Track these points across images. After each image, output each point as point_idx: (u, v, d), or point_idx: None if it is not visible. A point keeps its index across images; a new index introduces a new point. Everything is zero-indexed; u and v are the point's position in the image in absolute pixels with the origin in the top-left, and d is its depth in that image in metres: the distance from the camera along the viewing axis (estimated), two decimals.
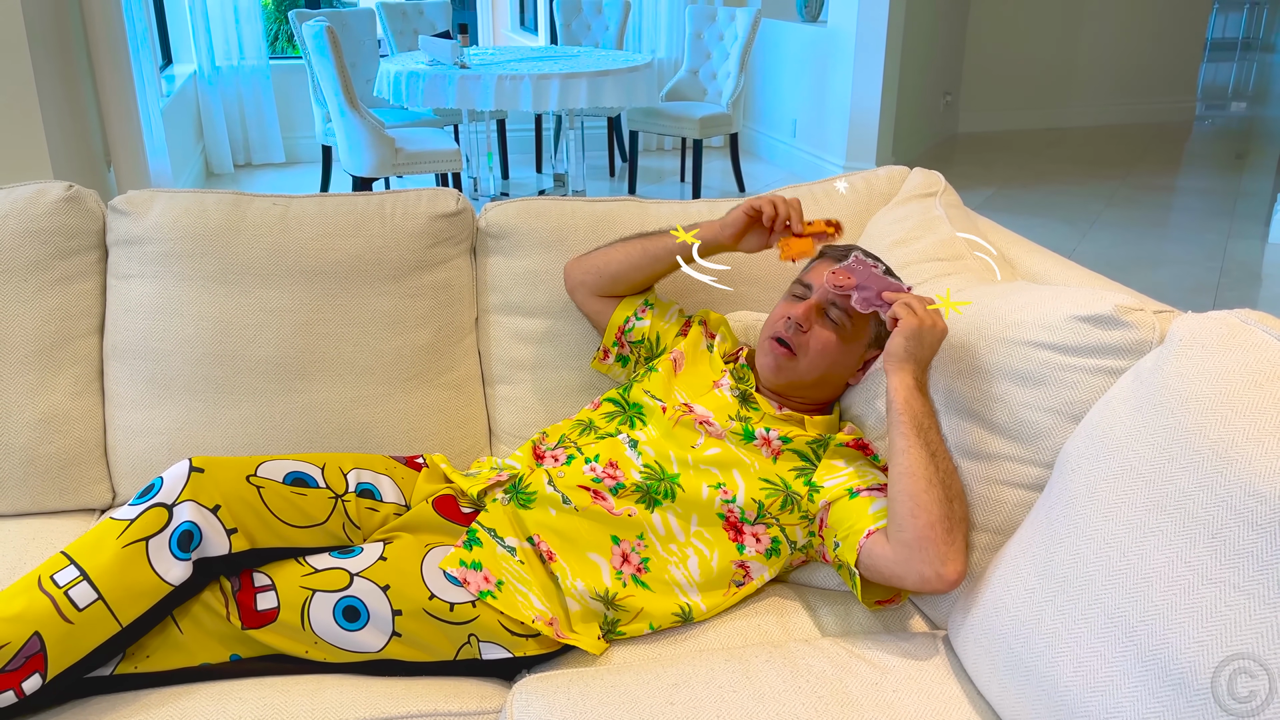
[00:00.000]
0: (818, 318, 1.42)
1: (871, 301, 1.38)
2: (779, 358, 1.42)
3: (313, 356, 1.60)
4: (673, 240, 1.52)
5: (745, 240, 1.50)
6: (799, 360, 1.42)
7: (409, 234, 1.66)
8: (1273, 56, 11.82)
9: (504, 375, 1.73)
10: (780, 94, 5.96)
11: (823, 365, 1.42)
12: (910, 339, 1.29)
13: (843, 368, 1.45)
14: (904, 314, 1.30)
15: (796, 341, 1.42)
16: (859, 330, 1.43)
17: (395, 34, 5.46)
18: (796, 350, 1.42)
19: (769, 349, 1.44)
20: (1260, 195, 5.46)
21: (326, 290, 1.61)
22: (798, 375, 1.43)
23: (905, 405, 1.27)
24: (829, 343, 1.42)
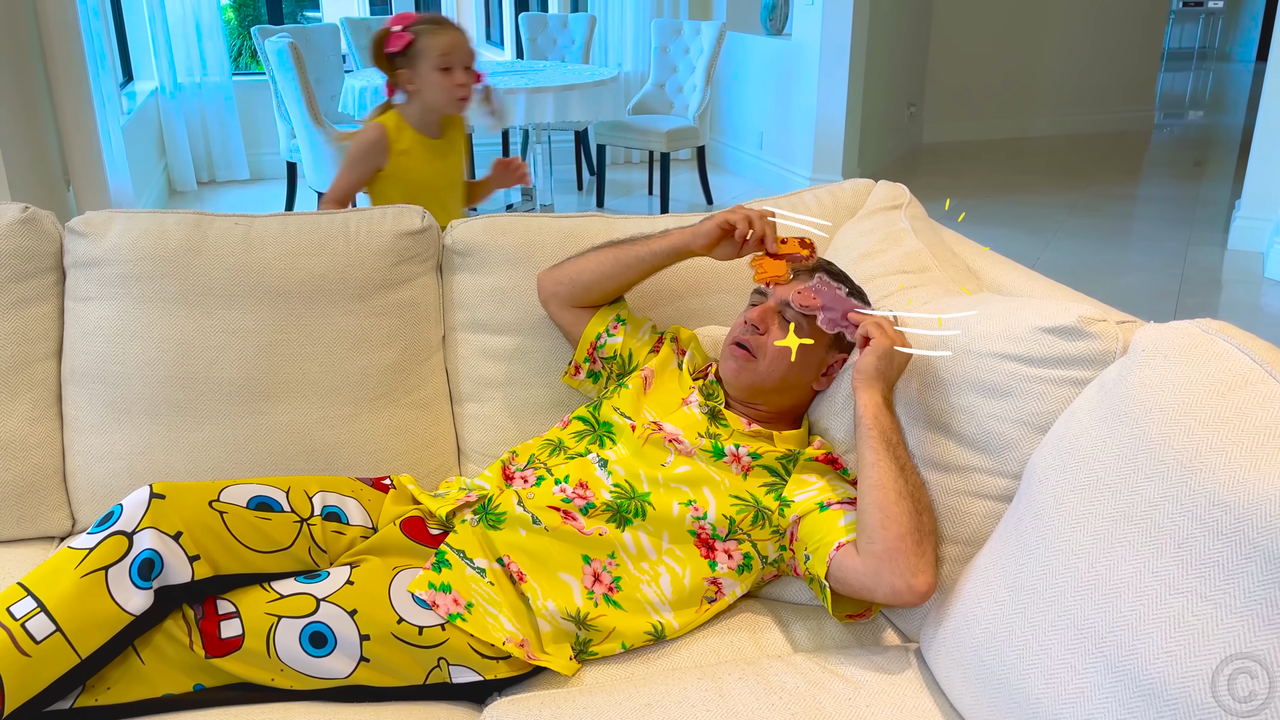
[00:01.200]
0: (774, 320, 1.43)
1: (837, 322, 1.38)
2: (739, 360, 1.43)
3: (277, 378, 1.58)
4: (644, 247, 1.52)
5: (718, 250, 1.50)
6: (759, 362, 1.43)
7: (374, 252, 1.64)
8: (1228, 66, 12.05)
9: (472, 393, 1.72)
10: (746, 107, 5.99)
11: (782, 366, 1.43)
12: (881, 358, 1.30)
13: (805, 370, 1.45)
14: (875, 334, 1.31)
15: (754, 343, 1.43)
16: (817, 329, 1.43)
17: (360, 49, 5.43)
18: (755, 352, 1.43)
19: (729, 354, 1.45)
20: (1218, 203, 5.56)
21: (290, 310, 1.59)
22: (759, 378, 1.43)
23: (874, 421, 1.27)
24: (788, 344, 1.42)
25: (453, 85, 2.34)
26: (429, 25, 2.33)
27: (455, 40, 2.33)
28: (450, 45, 2.32)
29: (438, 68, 2.32)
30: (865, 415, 1.28)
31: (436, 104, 2.37)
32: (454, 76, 2.33)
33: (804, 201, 1.86)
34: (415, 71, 2.34)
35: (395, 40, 2.32)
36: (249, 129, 6.01)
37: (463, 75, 2.33)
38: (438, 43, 2.31)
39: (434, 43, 2.31)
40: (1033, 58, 7.16)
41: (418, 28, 2.31)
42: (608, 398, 1.50)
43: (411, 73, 2.34)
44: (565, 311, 1.60)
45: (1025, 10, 6.98)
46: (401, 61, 2.35)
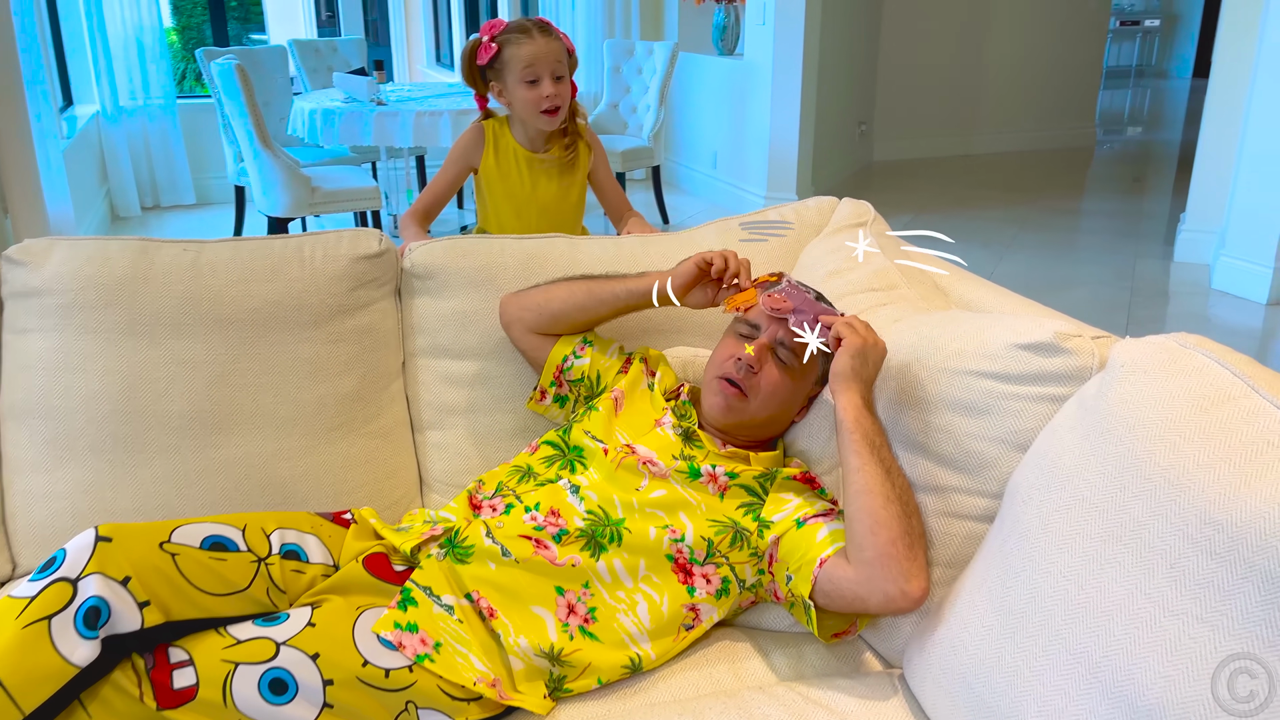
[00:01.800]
0: (768, 358, 1.40)
1: (809, 325, 1.36)
2: (729, 398, 1.39)
3: (229, 409, 1.52)
4: (620, 285, 1.49)
5: (691, 295, 1.48)
6: (750, 401, 1.39)
7: (330, 277, 1.59)
8: (1165, 83, 12.36)
9: (434, 421, 1.67)
10: (700, 126, 6.01)
11: (773, 406, 1.40)
12: (855, 357, 1.28)
13: (791, 406, 1.43)
14: (847, 333, 1.30)
15: (748, 383, 1.39)
16: (808, 369, 1.41)
17: (308, 71, 5.36)
18: (748, 391, 1.39)
19: (718, 389, 1.41)
20: (1160, 216, 5.66)
21: (243, 339, 1.53)
22: (748, 415, 1.40)
23: (856, 423, 1.25)
24: (779, 383, 1.40)
25: (537, 98, 2.17)
26: (514, 34, 2.16)
27: (539, 50, 2.14)
28: (533, 55, 2.14)
29: (523, 80, 2.16)
30: (846, 418, 1.25)
31: (523, 118, 2.23)
32: (539, 88, 2.16)
33: (767, 219, 1.83)
34: (504, 84, 2.20)
35: (483, 52, 2.18)
36: (194, 152, 5.89)
37: (550, 86, 2.16)
38: (521, 53, 2.15)
39: (517, 53, 2.15)
40: (978, 76, 7.27)
41: (503, 37, 2.17)
42: (577, 421, 1.46)
43: (501, 85, 2.21)
44: (529, 337, 1.55)
45: (970, 29, 7.09)
46: (492, 74, 2.21)
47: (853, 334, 1.30)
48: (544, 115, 2.19)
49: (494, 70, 2.19)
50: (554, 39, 2.16)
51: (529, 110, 2.18)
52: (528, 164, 2.29)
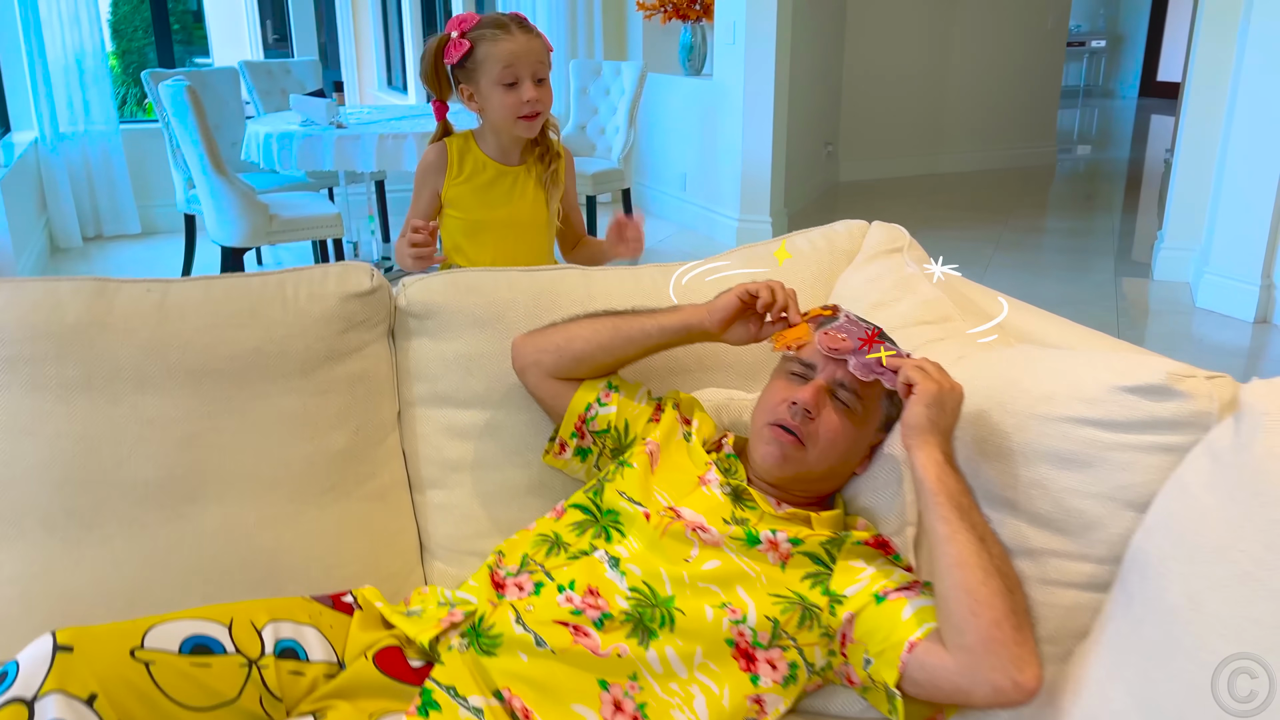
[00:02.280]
0: (826, 401, 1.24)
1: (872, 368, 1.20)
2: (785, 447, 1.22)
3: (204, 473, 1.32)
4: (650, 321, 1.32)
5: (732, 330, 1.31)
6: (808, 451, 1.22)
7: (316, 319, 1.40)
8: (1112, 102, 12.53)
9: (436, 479, 1.48)
10: (668, 148, 5.87)
11: (833, 456, 1.24)
12: (932, 406, 1.12)
13: (852, 456, 1.27)
14: (920, 379, 1.14)
15: (805, 430, 1.22)
16: (870, 413, 1.25)
17: (261, 94, 5.13)
18: (805, 439, 1.22)
19: (771, 437, 1.24)
20: (1131, 234, 5.64)
21: (218, 392, 1.33)
22: (806, 467, 1.23)
23: (939, 484, 1.09)
24: (840, 430, 1.23)
25: (516, 102, 1.90)
26: (490, 30, 1.89)
27: (520, 48, 1.88)
28: (513, 54, 1.88)
29: (500, 82, 1.89)
30: (927, 477, 1.09)
31: (500, 125, 1.97)
32: (518, 92, 1.90)
33: (796, 246, 1.68)
34: (477, 87, 1.93)
35: (453, 49, 1.90)
36: (139, 180, 5.61)
37: (531, 90, 1.91)
38: (498, 51, 1.87)
39: (494, 51, 1.88)
40: (940, 97, 7.24)
41: (477, 33, 1.89)
42: (609, 480, 1.28)
43: (473, 88, 1.94)
44: (547, 383, 1.38)
45: (931, 50, 7.07)
46: (461, 75, 1.93)
47: (926, 379, 1.14)
48: (523, 121, 1.94)
49: (464, 70, 1.92)
50: (535, 36, 1.92)
51: (506, 116, 1.93)
52: (500, 177, 2.04)
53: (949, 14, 7.03)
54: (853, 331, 1.22)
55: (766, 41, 4.93)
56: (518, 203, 2.06)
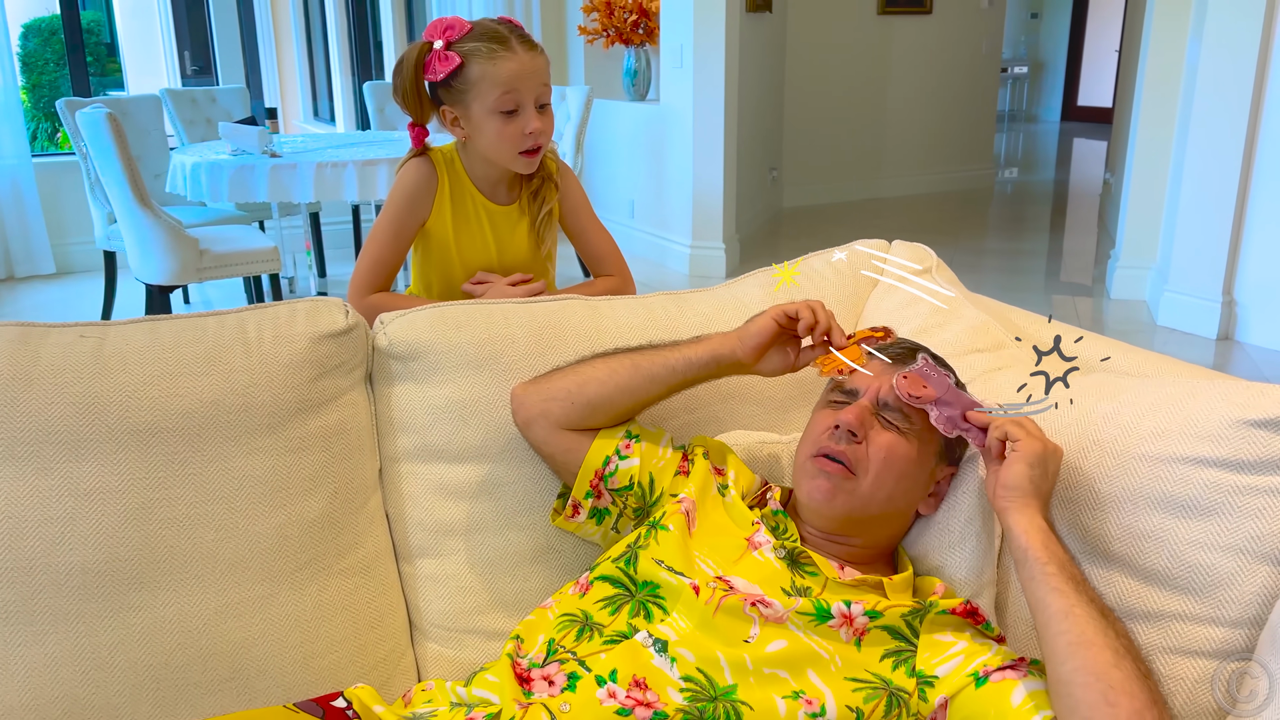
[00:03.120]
0: (871, 420, 1.08)
1: (956, 423, 1.04)
2: (834, 478, 1.06)
3: (155, 555, 1.10)
4: (674, 354, 1.15)
5: (767, 359, 1.15)
6: (859, 480, 1.06)
7: (284, 364, 1.19)
8: (1035, 126, 12.79)
9: (426, 546, 1.27)
10: (615, 175, 5.72)
11: (890, 482, 1.07)
12: (1035, 466, 0.98)
13: (914, 487, 1.10)
14: (1020, 435, 0.99)
15: (852, 455, 1.06)
16: (926, 433, 1.09)
17: (185, 123, 4.85)
18: (854, 466, 1.06)
19: (817, 469, 1.07)
20: (1078, 253, 5.65)
21: (170, 455, 1.12)
22: (859, 501, 1.07)
23: (1046, 551, 0.93)
24: (893, 449, 1.07)
25: (516, 133, 1.61)
26: (486, 43, 1.57)
27: (523, 68, 1.58)
28: (515, 76, 1.57)
29: (497, 109, 1.59)
30: (1032, 545, 0.94)
31: (494, 158, 1.67)
32: (519, 121, 1.60)
33: (814, 268, 1.52)
34: (466, 112, 1.62)
35: (439, 64, 1.58)
36: (53, 216, 5.27)
37: (535, 119, 1.61)
38: (498, 72, 1.56)
39: (492, 72, 1.56)
40: (880, 121, 7.24)
41: (469, 46, 1.57)
42: (642, 547, 1.10)
43: (461, 112, 1.63)
44: (557, 436, 1.19)
45: (871, 75, 7.07)
46: (446, 95, 1.62)
47: (1028, 437, 1.00)
48: (523, 157, 1.65)
49: (450, 91, 1.61)
50: (539, 53, 1.62)
51: (503, 149, 1.64)
52: (489, 218, 1.75)
53: (887, 39, 7.04)
54: (933, 378, 1.06)
55: (715, 65, 4.82)
56: (510, 247, 1.77)
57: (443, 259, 1.76)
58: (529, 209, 1.77)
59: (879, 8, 6.93)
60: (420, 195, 1.71)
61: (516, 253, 1.78)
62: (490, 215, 1.75)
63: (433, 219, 1.73)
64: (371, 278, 1.71)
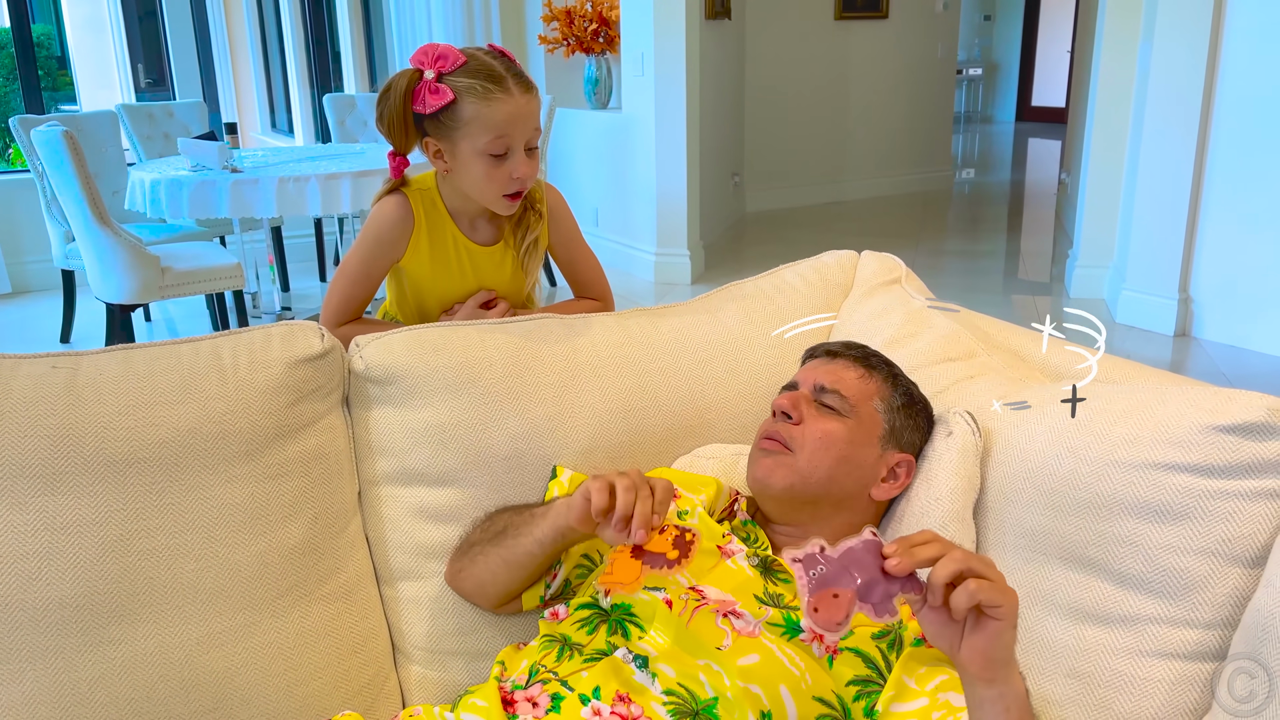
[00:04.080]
0: (809, 407, 1.16)
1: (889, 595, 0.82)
2: (772, 454, 1.14)
3: (133, 587, 1.09)
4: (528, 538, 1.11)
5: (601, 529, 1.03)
6: (796, 455, 1.13)
7: (261, 390, 1.18)
8: (990, 127, 12.97)
9: (408, 569, 1.27)
10: (578, 184, 5.73)
11: (827, 461, 1.12)
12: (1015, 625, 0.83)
13: (857, 469, 1.14)
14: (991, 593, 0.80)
15: (787, 433, 1.14)
16: (865, 417, 1.15)
17: (142, 139, 4.79)
18: (790, 443, 1.13)
19: (757, 451, 1.17)
20: (1036, 254, 5.74)
21: (147, 485, 1.11)
22: (798, 476, 1.12)
23: None
24: (831, 430, 1.14)
25: (504, 177, 1.53)
26: (483, 83, 1.47)
27: (518, 112, 1.50)
28: (510, 120, 1.49)
29: (486, 151, 1.50)
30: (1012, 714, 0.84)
31: (475, 198, 1.59)
32: (507, 165, 1.52)
33: (786, 281, 1.54)
34: (453, 148, 1.53)
35: (431, 97, 1.49)
36: (8, 234, 5.18)
37: (523, 164, 1.53)
38: (492, 114, 1.48)
39: (486, 113, 1.48)
40: (840, 125, 7.31)
41: (464, 82, 1.48)
42: None
43: (447, 148, 1.54)
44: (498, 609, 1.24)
45: (829, 80, 7.13)
46: (433, 128, 1.53)
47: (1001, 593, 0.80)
48: (506, 199, 1.57)
49: (439, 125, 1.52)
50: (534, 95, 1.53)
51: (488, 191, 1.55)
52: (471, 259, 1.67)
53: (845, 43, 7.11)
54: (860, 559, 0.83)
55: (676, 72, 4.84)
56: (492, 285, 1.71)
57: (417, 297, 1.71)
58: (513, 242, 1.70)
59: (836, 13, 7.00)
60: (395, 237, 1.63)
61: (501, 292, 1.72)
62: (473, 256, 1.67)
63: (408, 258, 1.65)
64: (341, 314, 1.66)
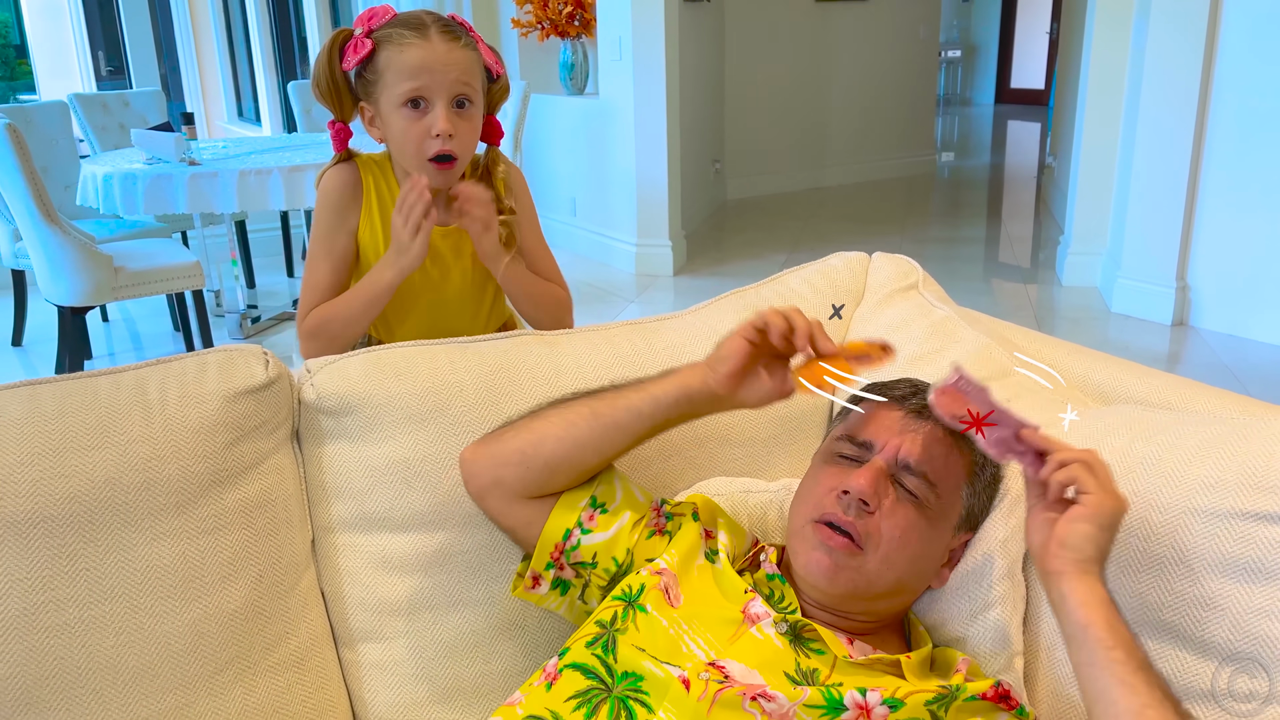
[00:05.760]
0: (889, 488, 0.94)
1: (1009, 446, 0.88)
2: (837, 554, 0.92)
3: (41, 670, 0.92)
4: (638, 395, 0.98)
5: (747, 387, 0.97)
6: (867, 557, 0.92)
7: (194, 430, 1.02)
8: (970, 110, 12.87)
9: (370, 629, 1.11)
10: (554, 171, 5.54)
11: (902, 562, 0.93)
12: (1105, 529, 0.83)
13: (927, 564, 0.96)
14: (1091, 486, 0.83)
15: (863, 529, 0.92)
16: (948, 505, 0.95)
17: (97, 130, 4.57)
18: (863, 542, 0.92)
19: (818, 540, 0.93)
20: (1024, 239, 5.62)
21: (57, 548, 0.94)
22: (864, 580, 0.93)
23: (1113, 634, 0.80)
24: (909, 527, 0.93)
25: (421, 134, 1.38)
26: (399, 29, 1.37)
27: (432, 56, 1.36)
28: (422, 64, 1.35)
29: (401, 100, 1.37)
30: (1094, 623, 0.81)
31: (402, 163, 1.45)
32: (427, 119, 1.38)
33: (790, 287, 1.38)
34: (377, 107, 1.41)
35: (351, 51, 1.39)
36: None
37: (442, 118, 1.37)
38: (403, 59, 1.36)
39: (399, 58, 1.36)
40: (822, 110, 7.15)
41: (383, 32, 1.38)
42: (621, 631, 0.95)
43: (374, 109, 1.42)
44: (515, 508, 1.03)
45: (810, 64, 6.97)
46: (361, 88, 1.42)
47: (1100, 489, 0.83)
48: (432, 165, 1.41)
49: (365, 83, 1.41)
50: (462, 46, 1.39)
51: (408, 150, 1.41)
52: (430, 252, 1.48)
53: (825, 26, 6.95)
54: (974, 393, 0.88)
55: (655, 57, 4.67)
56: (453, 273, 1.55)
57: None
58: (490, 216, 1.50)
59: None
60: (344, 202, 1.49)
61: (460, 277, 1.55)
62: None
63: (361, 229, 1.50)
64: (315, 303, 1.50)
